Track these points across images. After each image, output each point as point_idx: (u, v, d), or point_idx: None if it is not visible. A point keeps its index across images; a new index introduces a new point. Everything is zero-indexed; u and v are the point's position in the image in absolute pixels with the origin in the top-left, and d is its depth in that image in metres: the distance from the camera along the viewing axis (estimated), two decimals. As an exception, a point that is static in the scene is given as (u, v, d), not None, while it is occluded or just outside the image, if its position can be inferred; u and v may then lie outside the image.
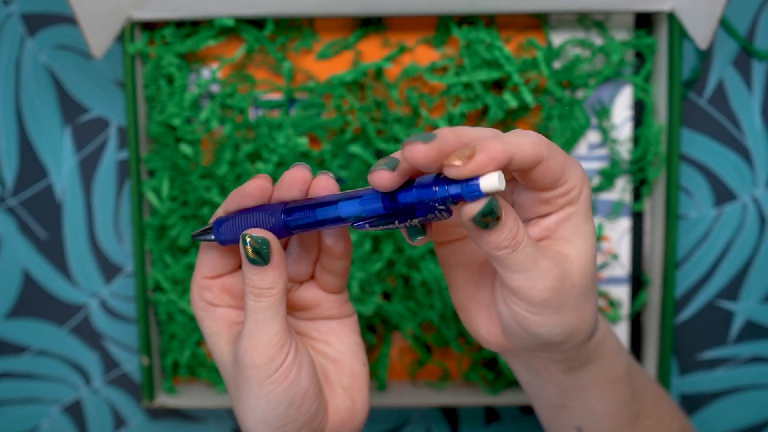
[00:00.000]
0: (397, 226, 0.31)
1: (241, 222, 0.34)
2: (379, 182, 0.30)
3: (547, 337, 0.33)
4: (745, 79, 0.53)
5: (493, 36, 0.50)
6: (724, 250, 0.54)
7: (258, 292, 0.33)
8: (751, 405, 0.56)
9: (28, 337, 0.56)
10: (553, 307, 0.32)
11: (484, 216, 0.30)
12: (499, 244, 0.31)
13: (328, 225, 0.32)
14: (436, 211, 0.30)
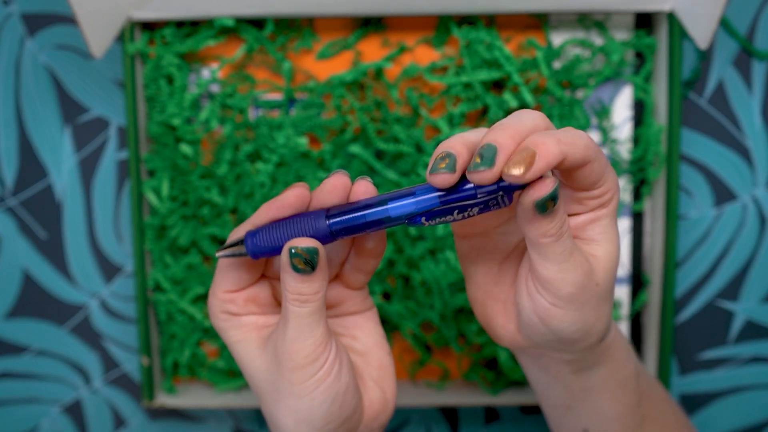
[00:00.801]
0: (455, 217, 0.31)
1: (279, 232, 0.33)
2: (441, 184, 0.31)
3: (566, 332, 0.34)
4: (745, 79, 0.53)
5: (493, 36, 0.50)
6: (724, 250, 0.54)
7: (304, 299, 0.33)
8: (751, 405, 0.56)
9: (28, 337, 0.56)
10: (577, 302, 0.33)
11: (549, 200, 0.30)
12: (547, 231, 0.31)
13: (377, 227, 0.32)
14: (498, 197, 0.30)
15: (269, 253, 0.33)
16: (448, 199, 0.31)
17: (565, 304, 0.33)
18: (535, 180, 0.30)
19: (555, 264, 0.32)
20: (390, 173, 0.51)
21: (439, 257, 0.51)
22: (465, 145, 0.31)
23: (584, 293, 0.33)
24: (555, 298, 0.33)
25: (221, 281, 0.35)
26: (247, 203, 0.51)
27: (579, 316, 0.33)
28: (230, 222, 0.51)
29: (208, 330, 0.53)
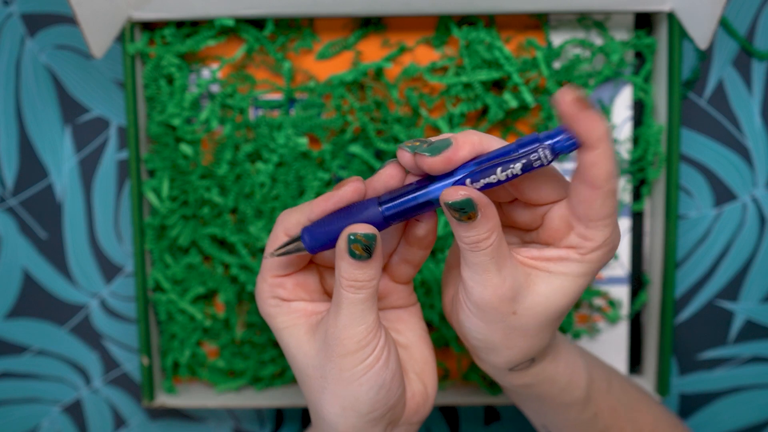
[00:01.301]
0: (499, 176, 0.31)
1: (335, 224, 0.33)
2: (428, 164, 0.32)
3: (467, 331, 0.35)
4: (745, 79, 0.53)
5: (493, 36, 0.50)
6: (724, 250, 0.54)
7: (359, 285, 0.33)
8: (751, 405, 0.56)
9: (28, 337, 0.56)
10: (481, 314, 0.33)
11: (454, 209, 0.31)
12: (461, 236, 0.32)
13: (429, 207, 0.33)
14: (540, 153, 0.31)
15: (327, 247, 0.34)
16: (487, 159, 0.32)
17: (472, 307, 0.33)
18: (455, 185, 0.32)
19: (469, 270, 0.33)
20: (390, 173, 0.51)
21: (439, 257, 0.51)
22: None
23: (492, 312, 0.33)
24: (466, 297, 0.34)
25: (270, 265, 0.36)
26: (247, 203, 0.51)
27: (483, 326, 0.34)
28: (230, 222, 0.51)
29: (208, 330, 0.53)
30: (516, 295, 0.33)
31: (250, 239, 0.51)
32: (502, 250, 0.32)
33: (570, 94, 0.30)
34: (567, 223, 0.33)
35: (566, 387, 0.38)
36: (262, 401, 0.52)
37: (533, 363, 0.36)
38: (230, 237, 0.51)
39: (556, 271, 0.33)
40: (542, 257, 0.33)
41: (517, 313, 0.33)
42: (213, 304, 0.53)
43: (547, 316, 0.33)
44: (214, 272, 0.52)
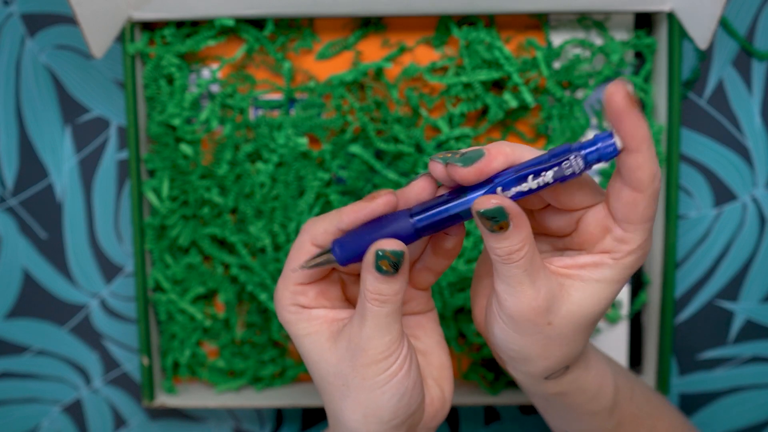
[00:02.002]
0: (530, 184, 0.31)
1: (366, 236, 0.33)
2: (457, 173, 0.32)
3: (502, 344, 0.34)
4: (745, 80, 0.53)
5: (493, 36, 0.50)
6: (724, 250, 0.54)
7: (384, 299, 0.33)
8: (751, 405, 0.56)
9: (28, 337, 0.56)
10: (517, 327, 0.33)
11: (486, 218, 0.31)
12: (494, 248, 0.32)
13: (461, 219, 0.33)
14: (572, 162, 0.31)
15: (358, 259, 0.34)
16: (518, 168, 0.32)
17: (507, 320, 0.33)
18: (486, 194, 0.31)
19: (502, 283, 0.32)
20: (390, 173, 0.51)
21: (439, 257, 0.51)
22: None
23: (527, 324, 0.33)
24: (500, 310, 0.33)
25: (296, 276, 0.35)
26: (247, 203, 0.51)
27: (518, 338, 0.33)
28: (230, 222, 0.51)
29: (208, 330, 0.53)
30: (551, 306, 0.32)
31: (250, 239, 0.51)
32: (535, 261, 0.32)
33: (622, 90, 0.29)
34: (603, 227, 0.32)
35: (595, 395, 0.38)
36: (262, 401, 0.52)
37: (567, 371, 0.36)
38: (230, 237, 0.51)
39: (589, 278, 0.33)
40: (576, 265, 0.33)
41: (553, 324, 0.33)
42: (213, 304, 0.53)
43: (582, 324, 0.33)
44: (214, 272, 0.52)
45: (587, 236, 0.33)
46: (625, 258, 0.32)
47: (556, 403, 0.38)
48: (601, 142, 0.31)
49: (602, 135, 0.31)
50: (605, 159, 0.31)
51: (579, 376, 0.37)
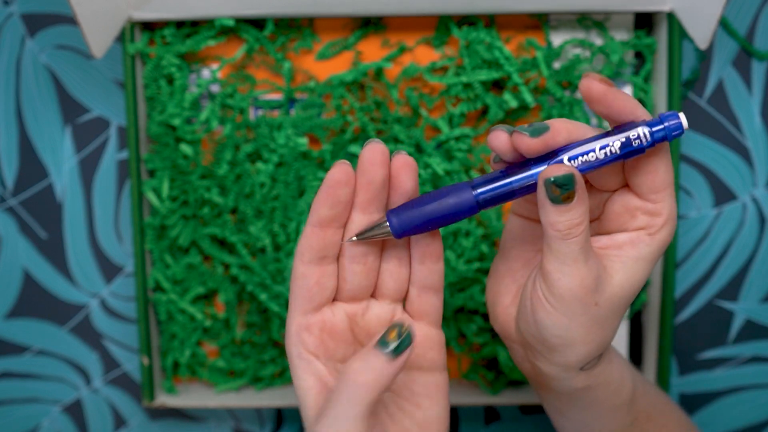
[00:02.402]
0: (597, 155, 0.32)
1: (424, 207, 0.32)
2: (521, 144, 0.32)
3: (548, 331, 0.34)
4: (745, 80, 0.53)
5: (493, 36, 0.50)
6: (724, 250, 0.54)
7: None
8: (751, 405, 0.56)
9: (28, 337, 0.56)
10: (567, 308, 0.33)
11: (556, 185, 0.31)
12: (555, 223, 0.31)
13: (524, 192, 0.32)
14: (640, 135, 0.31)
15: (416, 231, 0.33)
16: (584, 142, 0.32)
17: (555, 302, 0.33)
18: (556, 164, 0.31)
19: (556, 261, 0.32)
20: (390, 173, 0.51)
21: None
22: None
23: (576, 304, 0.33)
24: (549, 292, 0.33)
25: (295, 300, 0.34)
26: (247, 203, 0.51)
27: (565, 322, 0.33)
28: (230, 222, 0.51)
29: (208, 330, 0.53)
30: (598, 286, 0.33)
31: (250, 239, 0.51)
32: (589, 239, 0.32)
33: (593, 78, 0.31)
34: (628, 208, 0.33)
35: (618, 389, 0.38)
36: (262, 401, 0.52)
37: (599, 361, 0.36)
38: (230, 237, 0.51)
39: (628, 257, 0.33)
40: (614, 245, 0.33)
41: (599, 305, 0.33)
42: (213, 304, 0.53)
43: (620, 305, 0.33)
44: (214, 272, 0.52)
45: (614, 218, 0.34)
46: (659, 232, 0.33)
47: (580, 401, 0.37)
48: (667, 121, 0.31)
49: (667, 114, 0.31)
50: (670, 138, 0.31)
51: (606, 367, 0.37)
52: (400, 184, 0.33)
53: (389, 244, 0.35)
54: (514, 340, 0.38)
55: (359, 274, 0.34)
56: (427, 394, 0.35)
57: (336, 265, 0.34)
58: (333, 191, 0.32)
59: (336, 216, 0.33)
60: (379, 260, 0.35)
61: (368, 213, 0.33)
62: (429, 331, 0.35)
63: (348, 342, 0.35)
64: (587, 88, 0.31)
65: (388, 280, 0.35)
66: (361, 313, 0.35)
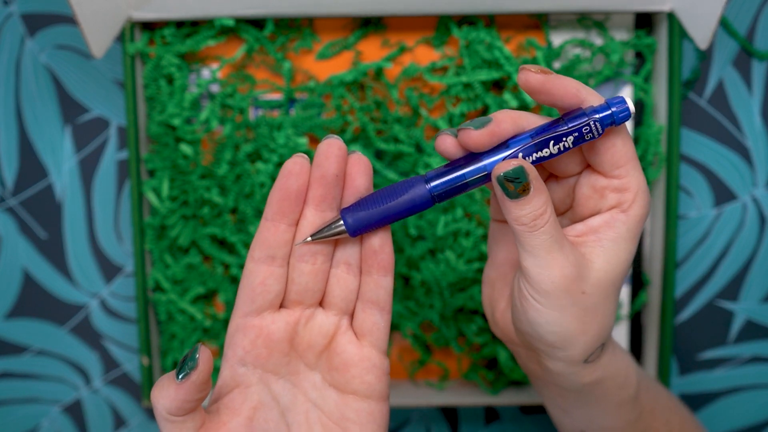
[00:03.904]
0: (551, 150, 0.32)
1: (379, 205, 0.32)
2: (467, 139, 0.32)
3: (542, 329, 0.33)
4: (745, 79, 0.53)
5: (493, 36, 0.50)
6: (724, 250, 0.54)
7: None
8: (751, 405, 0.56)
9: (28, 337, 0.56)
10: (554, 301, 0.32)
11: (508, 180, 0.31)
12: (518, 217, 0.31)
13: (477, 184, 0.32)
14: (591, 126, 0.31)
15: (370, 228, 0.33)
16: (539, 141, 0.32)
17: (542, 299, 0.33)
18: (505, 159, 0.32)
19: (531, 256, 0.32)
20: (390, 173, 0.51)
21: (439, 257, 0.51)
22: None
23: (563, 296, 0.32)
24: (533, 289, 0.33)
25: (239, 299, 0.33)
26: (247, 203, 0.51)
27: (558, 317, 0.33)
28: (230, 222, 0.51)
29: (208, 330, 0.53)
30: (581, 274, 0.32)
31: (250, 239, 0.51)
32: (558, 228, 0.32)
33: (529, 70, 0.31)
34: (596, 189, 0.33)
35: (624, 382, 0.38)
36: (262, 401, 0.52)
37: (602, 351, 0.35)
38: (230, 237, 0.51)
39: (607, 239, 0.33)
40: (590, 230, 0.33)
41: (586, 293, 0.33)
42: (213, 304, 0.53)
43: (609, 289, 0.33)
44: (214, 272, 0.52)
45: (584, 202, 0.34)
46: (632, 207, 0.33)
47: (587, 398, 0.37)
48: (615, 106, 0.31)
49: (614, 99, 0.31)
50: (618, 123, 0.31)
51: (611, 359, 0.36)
52: (353, 181, 0.33)
53: (339, 248, 0.34)
54: (516, 344, 0.37)
55: (307, 274, 0.33)
56: (358, 421, 0.34)
57: (286, 269, 0.33)
58: (284, 182, 0.32)
59: (287, 209, 0.32)
60: (329, 264, 0.34)
61: (321, 210, 0.32)
62: (370, 353, 0.34)
63: (283, 353, 0.33)
64: (525, 81, 0.31)
65: (335, 287, 0.34)
66: (304, 322, 0.34)
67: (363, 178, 0.33)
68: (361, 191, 0.33)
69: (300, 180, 0.32)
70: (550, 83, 0.31)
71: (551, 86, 0.31)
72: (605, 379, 0.36)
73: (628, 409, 0.39)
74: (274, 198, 0.32)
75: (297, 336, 0.34)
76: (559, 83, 0.31)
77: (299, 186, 0.32)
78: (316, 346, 0.34)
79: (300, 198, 0.32)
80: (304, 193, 0.32)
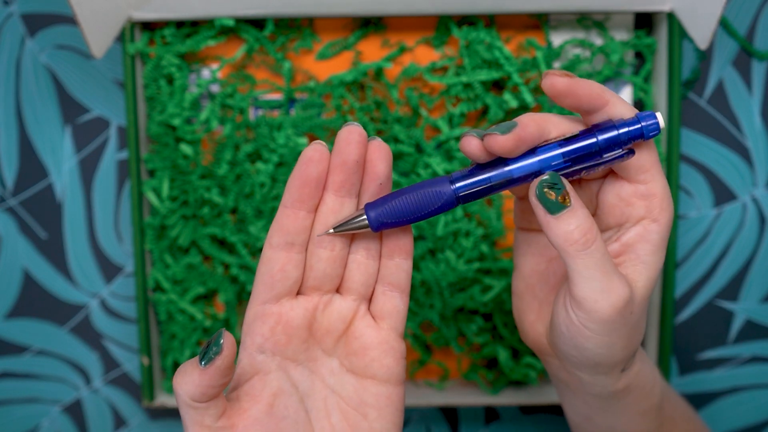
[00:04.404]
0: (576, 170, 0.31)
1: (402, 201, 0.32)
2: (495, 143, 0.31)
3: (590, 353, 0.33)
4: (745, 79, 0.53)
5: (493, 36, 0.50)
6: (724, 250, 0.54)
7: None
8: (751, 405, 0.56)
9: (28, 337, 0.56)
10: (609, 327, 0.31)
11: (547, 187, 0.30)
12: (567, 234, 0.30)
13: (502, 188, 0.32)
14: (624, 155, 0.31)
15: (393, 225, 0.32)
16: (569, 150, 0.31)
17: (597, 327, 0.31)
18: None
19: (590, 282, 0.30)
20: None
21: (439, 257, 0.51)
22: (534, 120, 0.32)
23: (619, 320, 0.31)
24: (588, 319, 0.31)
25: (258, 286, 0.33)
26: (247, 203, 0.51)
27: (608, 341, 0.32)
28: (230, 222, 0.51)
29: (208, 330, 0.53)
30: (631, 294, 0.31)
31: (250, 239, 0.51)
32: (606, 248, 0.31)
33: (554, 74, 0.31)
34: (622, 197, 0.32)
35: (650, 390, 0.37)
36: (262, 401, 0.52)
37: (634, 358, 0.35)
38: (230, 237, 0.51)
39: (645, 254, 0.32)
40: (627, 248, 0.32)
41: (634, 312, 0.32)
42: (213, 304, 0.53)
43: (648, 300, 0.33)
44: (214, 272, 0.52)
45: (610, 209, 0.33)
46: (662, 214, 0.32)
47: (613, 406, 0.37)
48: (644, 121, 0.31)
49: (644, 114, 0.31)
50: (647, 137, 0.31)
51: (641, 367, 0.36)
52: (373, 168, 0.32)
53: (360, 236, 0.33)
54: (549, 354, 0.37)
55: (325, 261, 0.33)
56: (377, 406, 0.34)
57: (304, 255, 0.33)
58: (304, 169, 0.31)
59: (306, 196, 0.32)
60: (347, 251, 0.33)
61: (340, 196, 0.32)
62: (388, 335, 0.34)
63: (301, 339, 0.33)
64: (551, 85, 0.31)
65: (355, 272, 0.33)
66: (323, 308, 0.34)
67: (383, 164, 0.32)
68: (381, 177, 0.32)
69: (320, 167, 0.31)
70: (576, 85, 0.31)
71: (577, 89, 0.31)
72: (634, 387, 0.36)
73: (650, 418, 0.38)
74: (293, 185, 0.32)
75: (315, 322, 0.34)
76: (584, 86, 0.31)
77: (319, 173, 0.32)
78: (334, 332, 0.34)
79: (320, 185, 0.32)
80: (323, 180, 0.32)
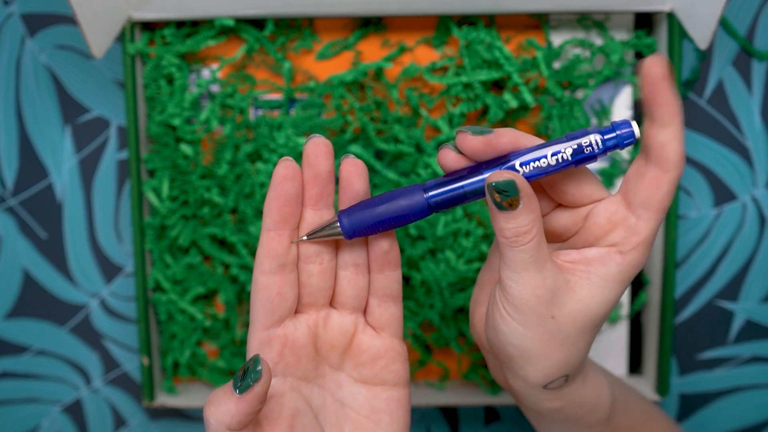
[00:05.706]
0: (548, 161, 0.31)
1: (376, 209, 0.32)
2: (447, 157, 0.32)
3: (505, 338, 0.33)
4: (745, 80, 0.53)
5: (493, 36, 0.50)
6: (724, 250, 0.54)
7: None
8: (751, 405, 0.56)
9: (28, 337, 0.56)
10: (521, 317, 0.32)
11: (496, 191, 0.30)
12: (501, 230, 0.31)
13: (475, 197, 0.32)
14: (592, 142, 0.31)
15: (366, 232, 0.32)
16: (535, 148, 0.31)
17: (511, 310, 0.32)
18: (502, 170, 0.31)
19: (507, 268, 0.31)
20: (390, 173, 0.51)
21: (439, 257, 0.51)
22: None
23: (530, 314, 0.32)
24: (505, 300, 0.32)
25: (258, 313, 0.33)
26: (247, 203, 0.51)
27: (521, 332, 0.32)
28: (230, 222, 0.51)
29: (208, 330, 0.53)
30: (554, 298, 0.32)
31: (250, 239, 0.51)
32: (542, 249, 0.31)
33: (661, 62, 0.30)
34: (612, 221, 0.32)
35: (593, 408, 0.37)
36: (262, 401, 0.52)
37: (566, 383, 0.35)
38: (230, 237, 0.51)
39: (596, 274, 0.32)
40: (583, 260, 0.32)
41: (556, 318, 0.32)
42: (213, 304, 0.53)
43: (585, 323, 0.32)
44: (214, 272, 0.52)
45: (595, 229, 0.33)
46: (631, 252, 0.32)
47: (552, 419, 0.37)
48: (619, 129, 0.31)
49: (620, 122, 0.31)
50: (622, 146, 0.31)
51: (576, 389, 0.36)
52: (351, 186, 0.32)
53: (346, 250, 0.34)
54: (487, 350, 0.37)
55: (316, 274, 0.33)
56: (389, 410, 0.34)
57: (296, 273, 0.33)
58: (281, 188, 0.32)
59: (288, 214, 0.32)
60: (335, 260, 0.34)
61: (318, 209, 0.32)
62: (392, 343, 0.35)
63: (309, 357, 0.34)
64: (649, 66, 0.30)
65: (347, 287, 0.34)
66: (323, 324, 0.34)
67: (360, 182, 0.33)
68: (360, 195, 0.33)
69: (296, 182, 0.32)
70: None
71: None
72: (568, 407, 0.36)
73: (598, 430, 0.38)
74: (272, 206, 0.32)
75: (319, 339, 0.34)
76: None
77: (297, 189, 0.32)
78: (338, 347, 0.34)
79: (299, 201, 0.32)
80: (301, 196, 0.32)
